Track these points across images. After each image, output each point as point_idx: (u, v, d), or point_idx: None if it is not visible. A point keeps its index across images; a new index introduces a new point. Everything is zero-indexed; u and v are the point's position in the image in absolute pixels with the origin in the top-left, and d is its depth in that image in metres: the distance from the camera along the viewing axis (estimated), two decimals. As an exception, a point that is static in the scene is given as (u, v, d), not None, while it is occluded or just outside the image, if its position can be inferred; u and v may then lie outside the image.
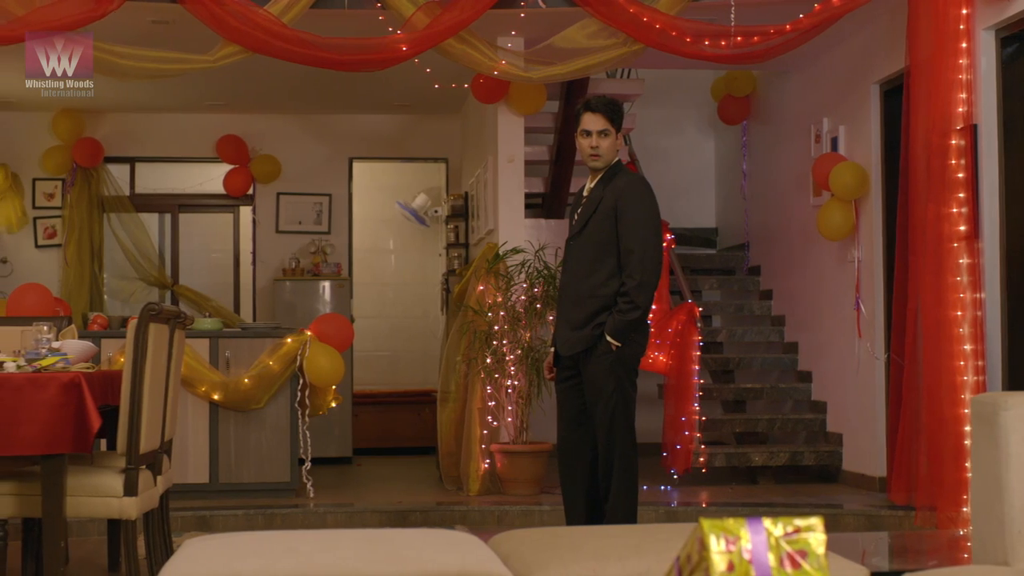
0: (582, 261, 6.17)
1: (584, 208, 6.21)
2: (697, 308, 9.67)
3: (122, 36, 8.37)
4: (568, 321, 6.19)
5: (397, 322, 14.08)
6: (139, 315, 5.36)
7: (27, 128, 12.14)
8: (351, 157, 12.66)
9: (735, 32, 8.13)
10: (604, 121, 6.18)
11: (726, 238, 12.22)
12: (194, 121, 12.35)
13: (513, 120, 9.56)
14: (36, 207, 12.25)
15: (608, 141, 6.17)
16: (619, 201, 6.04)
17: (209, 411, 8.83)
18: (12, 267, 12.14)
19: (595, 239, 6.12)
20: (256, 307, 12.43)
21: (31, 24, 7.82)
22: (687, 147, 12.57)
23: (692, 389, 9.48)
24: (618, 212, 6.05)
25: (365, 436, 12.53)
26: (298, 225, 12.49)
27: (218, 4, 8.06)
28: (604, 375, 6.08)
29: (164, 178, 12.80)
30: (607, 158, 6.20)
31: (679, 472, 9.37)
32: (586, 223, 6.14)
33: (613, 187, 6.10)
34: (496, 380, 9.01)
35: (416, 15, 8.20)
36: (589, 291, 6.11)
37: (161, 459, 5.93)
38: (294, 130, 12.51)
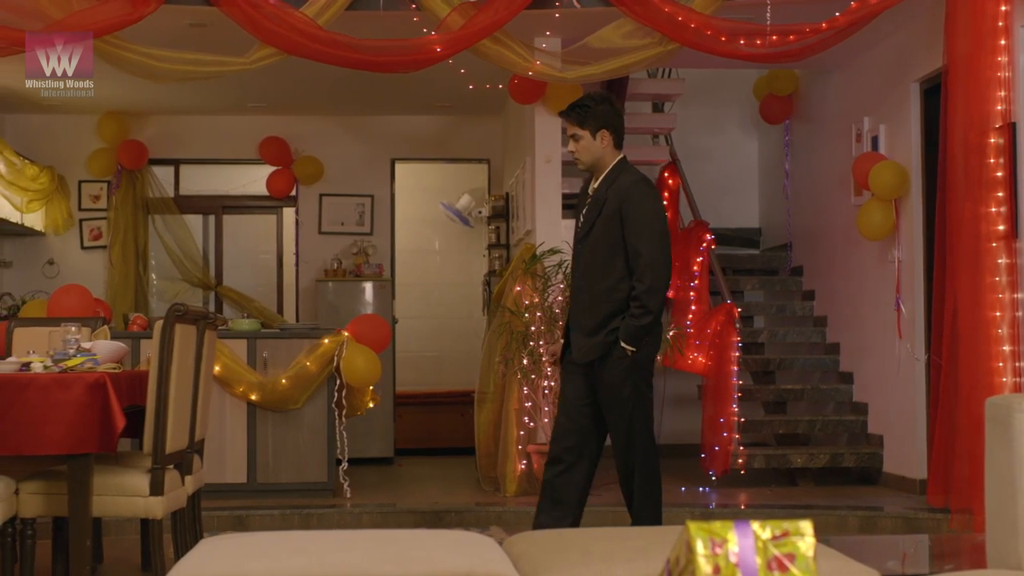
0: (592, 264, 6.09)
1: (589, 209, 6.13)
2: (736, 309, 9.61)
3: (160, 39, 8.43)
4: (581, 327, 6.11)
5: (441, 323, 14.10)
6: (165, 316, 5.39)
7: (73, 131, 12.26)
8: (393, 158, 12.68)
9: (771, 31, 8.07)
10: (572, 125, 6.15)
11: (769, 238, 12.15)
12: (237, 123, 12.42)
13: (550, 120, 9.55)
14: (82, 209, 12.37)
15: (581, 144, 6.12)
16: (623, 203, 5.96)
17: (247, 411, 8.88)
18: (59, 268, 12.25)
19: (603, 241, 6.04)
20: (299, 308, 12.48)
21: (69, 27, 7.88)
22: (730, 147, 12.51)
23: (731, 390, 9.43)
24: (623, 215, 5.97)
25: (408, 437, 12.56)
26: (340, 226, 12.53)
27: (254, 7, 8.10)
28: (620, 381, 6.03)
29: (208, 180, 12.89)
30: (585, 160, 6.14)
31: (718, 474, 9.32)
32: (592, 225, 6.08)
33: (616, 188, 6.02)
34: (533, 381, 9.00)
35: (451, 16, 8.20)
36: (601, 295, 6.04)
37: (191, 459, 5.96)
38: (336, 131, 12.56)
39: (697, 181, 11.52)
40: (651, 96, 11.39)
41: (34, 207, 11.52)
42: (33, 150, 11.92)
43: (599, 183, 6.12)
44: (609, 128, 6.11)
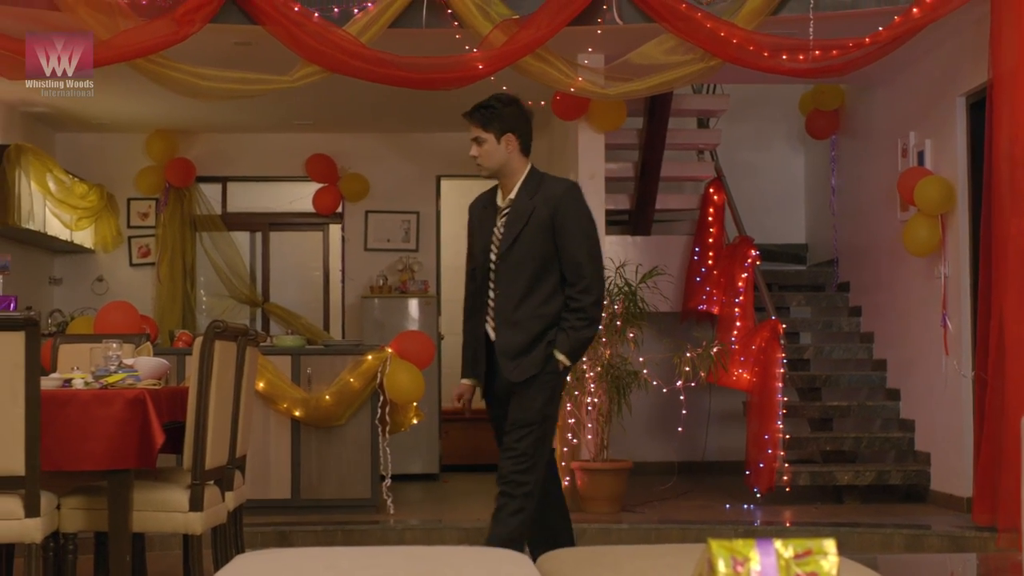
0: (517, 281, 5.56)
1: (509, 221, 5.59)
2: (781, 325, 9.56)
3: (205, 58, 8.50)
4: (507, 351, 5.54)
5: (488, 339, 14.08)
6: (204, 333, 5.43)
7: (122, 149, 12.38)
8: (439, 175, 12.72)
9: (813, 46, 8.04)
10: (475, 127, 5.68)
11: (816, 254, 12.08)
12: (284, 141, 12.50)
13: (593, 137, 9.56)
14: (131, 226, 12.48)
15: (484, 148, 5.64)
16: (556, 212, 5.50)
17: (291, 428, 8.92)
18: (107, 285, 12.37)
19: (531, 255, 5.53)
20: (345, 325, 12.53)
21: (116, 48, 7.97)
22: (776, 162, 12.46)
23: (776, 407, 9.37)
24: (556, 224, 5.50)
25: (455, 453, 12.56)
26: (386, 243, 12.58)
27: (297, 25, 8.16)
28: (543, 398, 5.54)
29: (255, 197, 12.97)
30: (488, 166, 5.65)
31: (762, 491, 9.26)
32: (515, 239, 5.54)
33: (545, 196, 5.55)
34: (576, 397, 8.98)
35: (493, 33, 8.23)
36: (532, 313, 5.53)
37: (232, 475, 5.99)
38: (382, 149, 12.61)
39: (743, 197, 11.48)
40: (696, 112, 11.39)
41: (83, 225, 11.64)
42: (83, 168, 12.04)
43: (516, 193, 5.61)
44: (515, 132, 5.65)
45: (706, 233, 10.73)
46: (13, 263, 9.91)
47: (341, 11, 8.30)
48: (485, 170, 5.68)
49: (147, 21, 8.02)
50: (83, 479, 5.49)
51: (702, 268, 10.58)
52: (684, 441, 10.81)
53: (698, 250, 10.68)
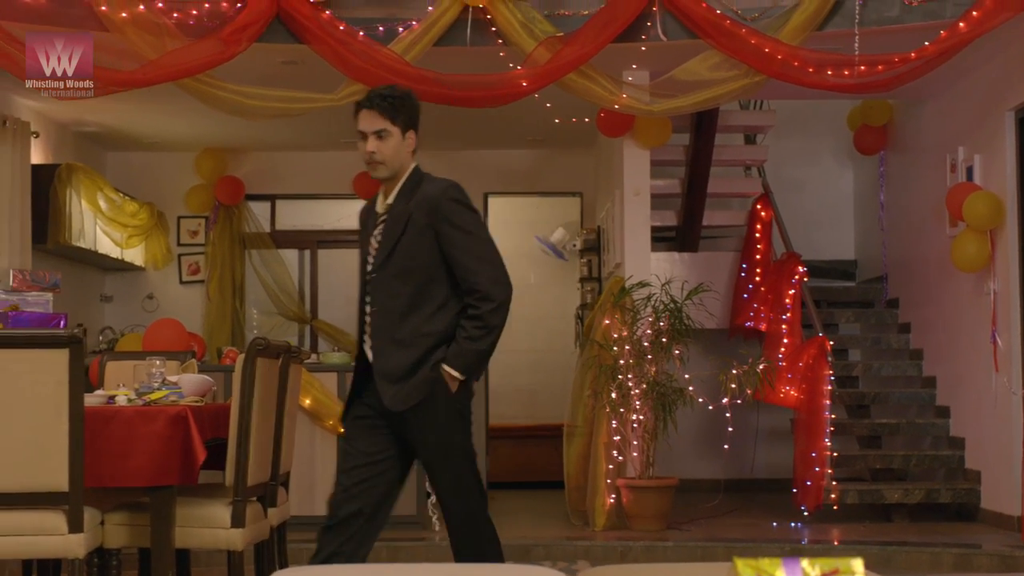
0: (397, 295, 4.91)
1: (386, 230, 4.92)
2: (828, 342, 9.50)
3: (253, 76, 8.58)
4: (388, 373, 4.89)
5: (537, 356, 14.10)
6: (246, 350, 5.47)
7: (172, 168, 12.50)
8: (486, 192, 12.75)
9: (859, 61, 8.00)
10: (381, 119, 4.90)
11: (865, 270, 12.00)
12: (332, 159, 12.56)
13: (639, 153, 9.55)
14: (180, 244, 12.59)
15: (390, 144, 4.90)
16: (436, 215, 4.86)
17: (337, 445, 8.92)
18: (158, 303, 12.47)
19: (413, 266, 4.89)
20: (393, 341, 12.54)
21: (163, 67, 8.05)
22: (824, 178, 12.38)
23: (823, 424, 9.30)
24: (439, 230, 4.86)
25: (503, 470, 12.55)
26: (434, 260, 12.58)
27: (343, 44, 8.21)
28: (449, 425, 4.92)
29: (303, 215, 13.05)
30: (392, 165, 4.91)
31: (810, 509, 9.20)
32: (393, 249, 4.89)
33: (421, 200, 4.89)
34: (622, 414, 8.96)
35: (537, 50, 8.24)
36: (416, 331, 4.89)
37: (275, 491, 6.03)
38: (429, 166, 12.41)
39: (791, 213, 11.43)
40: (743, 128, 11.35)
41: (133, 243, 11.75)
42: (133, 187, 12.16)
43: (394, 197, 4.95)
44: (415, 129, 5.04)
45: (753, 249, 10.68)
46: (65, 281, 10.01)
47: (386, 29, 8.35)
48: (384, 171, 4.93)
49: (194, 41, 8.11)
50: (127, 495, 5.53)
51: (749, 285, 10.53)
52: (731, 458, 10.75)
53: (745, 266, 10.64)
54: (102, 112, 10.64)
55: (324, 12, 8.25)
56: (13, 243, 9.28)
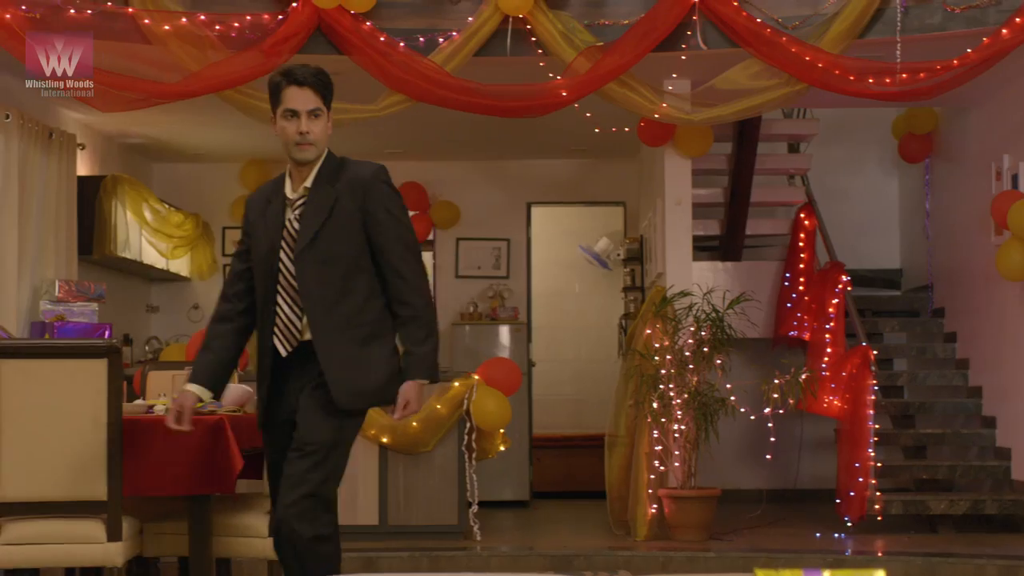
0: (323, 284, 4.73)
1: (307, 214, 4.73)
2: (872, 352, 9.43)
3: (295, 88, 8.62)
4: (337, 359, 4.70)
5: (581, 365, 14.11)
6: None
7: (217, 178, 12.59)
8: (529, 202, 12.75)
9: (900, 69, 7.96)
10: (316, 98, 4.78)
11: (911, 279, 11.91)
12: (375, 169, 12.58)
13: (680, 163, 9.53)
14: (226, 255, 12.65)
15: (321, 124, 4.78)
16: (366, 201, 4.72)
17: (379, 454, 8.97)
18: (203, 312, 12.55)
19: (337, 252, 4.72)
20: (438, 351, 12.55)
21: (205, 79, 8.12)
22: (869, 186, 12.30)
23: (867, 434, 9.23)
24: (368, 216, 4.72)
25: (547, 479, 12.56)
26: (477, 270, 12.64)
27: (383, 55, 8.25)
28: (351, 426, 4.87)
29: (347, 225, 13.06)
30: (320, 147, 4.79)
31: (853, 520, 9.13)
32: (316, 234, 4.70)
33: (350, 183, 4.75)
34: (663, 424, 8.94)
35: (577, 60, 8.25)
36: (347, 320, 4.73)
37: (314, 501, 6.04)
38: (473, 176, 12.68)
39: (836, 222, 11.36)
40: (785, 137, 11.32)
41: (179, 253, 11.83)
42: (179, 198, 12.25)
43: (313, 180, 4.76)
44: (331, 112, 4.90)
45: (797, 258, 10.62)
46: (111, 291, 10.12)
47: (427, 40, 8.38)
48: (314, 152, 4.78)
49: (236, 53, 8.17)
50: (166, 504, 5.58)
51: (793, 294, 10.47)
52: (775, 468, 10.69)
53: (789, 276, 10.58)
54: (147, 124, 10.73)
55: (365, 23, 8.29)
56: (59, 254, 9.38)
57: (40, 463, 5.07)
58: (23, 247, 8.81)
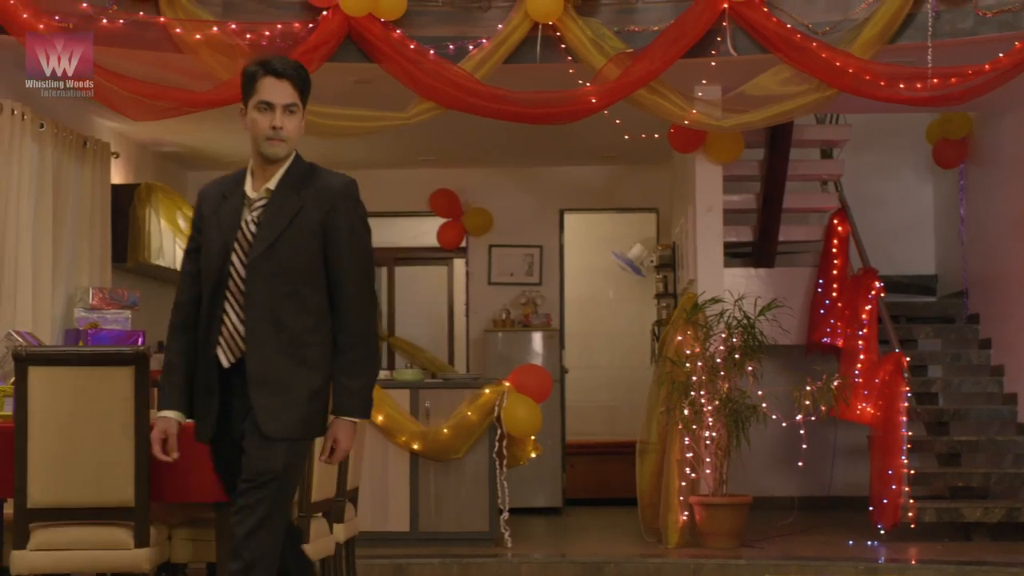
0: (275, 295, 4.33)
1: (267, 217, 4.33)
2: (905, 358, 9.38)
3: (327, 95, 8.64)
4: (271, 382, 4.31)
5: (615, 372, 14.09)
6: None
7: (251, 186, 12.63)
8: (562, 209, 12.75)
9: (932, 74, 7.92)
10: (293, 92, 4.38)
11: (946, 285, 11.83)
12: (408, 176, 12.63)
13: (711, 169, 9.51)
14: (260, 262, 12.71)
15: (295, 122, 4.38)
16: (332, 214, 4.35)
17: (410, 460, 8.99)
18: (238, 320, 12.60)
19: (293, 264, 4.33)
20: (469, 358, 12.60)
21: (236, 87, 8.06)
22: (903, 192, 12.22)
23: (900, 442, 9.19)
24: (330, 230, 4.35)
25: (581, 486, 12.55)
26: (510, 277, 12.63)
27: (413, 63, 8.28)
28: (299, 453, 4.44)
29: (380, 232, 12.93)
30: (292, 145, 4.40)
31: (886, 527, 9.08)
32: (275, 241, 4.31)
33: (319, 193, 4.37)
34: (694, 431, 8.92)
35: (607, 67, 8.26)
36: (295, 340, 4.34)
37: (342, 507, 6.07)
38: (505, 183, 12.69)
39: (870, 227, 11.30)
40: (818, 143, 11.28)
41: (213, 261, 11.87)
42: (214, 206, 12.30)
43: (277, 183, 4.38)
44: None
45: (830, 265, 10.58)
46: (146, 298, 10.19)
47: (456, 48, 8.41)
48: (285, 150, 4.39)
49: (267, 61, 8.19)
50: (194, 511, 5.61)
51: (826, 300, 10.43)
52: (808, 476, 10.64)
53: (822, 282, 10.54)
54: (181, 133, 10.80)
55: (395, 31, 8.32)
56: (93, 262, 9.44)
57: (69, 469, 5.11)
58: (57, 255, 8.88)
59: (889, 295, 10.48)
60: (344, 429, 4.37)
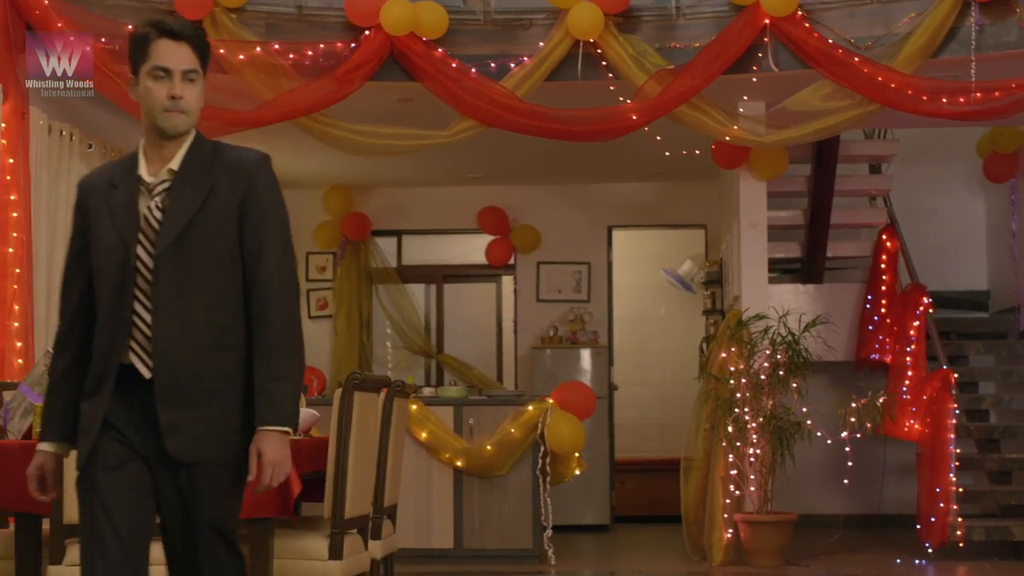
0: (186, 292, 3.60)
1: (174, 202, 3.63)
2: (953, 375, 9.29)
3: (370, 114, 8.73)
4: (181, 396, 3.56)
5: (666, 388, 14.04)
6: (344, 384, 5.55)
7: (301, 204, 12.68)
8: (610, 225, 12.74)
9: (975, 88, 7.85)
10: (193, 57, 3.66)
11: (998, 301, 11.70)
12: (456, 194, 12.68)
13: (755, 185, 9.47)
14: (309, 280, 12.81)
15: (196, 92, 3.65)
16: (250, 194, 3.65)
17: (453, 477, 9.01)
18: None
19: (208, 254, 3.63)
20: (518, 375, 12.61)
21: (279, 107, 8.25)
22: (954, 207, 12.11)
23: (948, 459, 9.09)
24: (248, 211, 3.66)
25: (631, 503, 12.51)
26: (558, 294, 12.64)
27: (455, 81, 8.32)
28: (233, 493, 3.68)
29: (429, 250, 13.18)
30: (192, 119, 3.66)
31: (934, 546, 8.98)
32: (185, 228, 3.61)
33: (231, 171, 3.67)
34: (738, 448, 8.87)
35: (648, 83, 8.26)
36: (210, 344, 3.60)
37: (379, 523, 6.09)
38: (553, 200, 12.70)
39: (921, 242, 11.21)
40: (866, 158, 11.21)
41: (262, 279, 11.96)
42: (264, 224, 12.41)
43: (181, 163, 3.66)
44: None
45: (879, 280, 10.50)
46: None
47: (498, 66, 8.44)
48: (185, 124, 3.64)
49: (309, 81, 8.28)
50: (229, 527, 5.64)
51: (875, 316, 10.35)
52: (858, 493, 10.56)
53: (871, 298, 10.46)
54: (231, 151, 10.88)
55: (437, 50, 8.37)
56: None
57: (104, 486, 5.15)
58: (105, 273, 8.98)
59: (940, 311, 10.38)
60: (272, 442, 3.57)
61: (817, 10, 8.30)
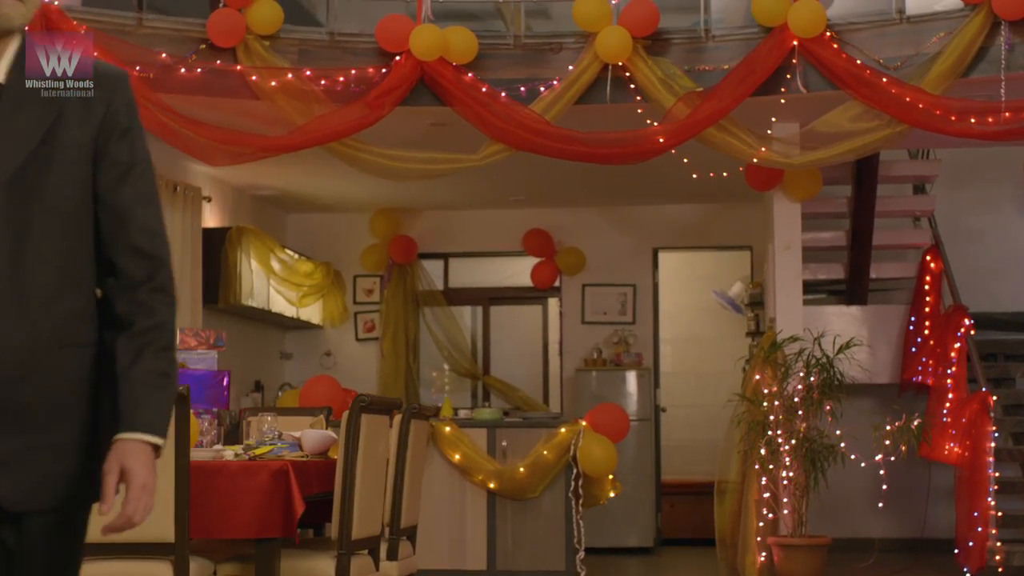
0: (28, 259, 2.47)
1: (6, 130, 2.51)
2: (991, 397, 9.18)
3: (403, 139, 8.82)
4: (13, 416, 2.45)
5: (716, 411, 13.88)
6: (350, 407, 5.60)
7: (348, 228, 12.85)
8: (655, 247, 12.74)
9: (1004, 107, 7.78)
10: None
11: (1049, 322, 11.54)
12: (502, 217, 12.74)
13: (789, 206, 9.45)
14: (356, 302, 12.92)
15: None
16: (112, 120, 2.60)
17: (487, 499, 9.05)
18: (335, 359, 12.81)
19: (54, 206, 2.52)
20: (563, 397, 12.63)
21: (311, 132, 8.34)
22: (1003, 227, 11.95)
23: (987, 482, 8.99)
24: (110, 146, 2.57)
25: (679, 526, 12.46)
26: (603, 316, 12.65)
27: (484, 106, 8.38)
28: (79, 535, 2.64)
29: (475, 272, 13.26)
30: (30, 12, 2.59)
31: (972, 570, 8.88)
32: (21, 166, 2.49)
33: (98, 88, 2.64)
34: (771, 471, 8.83)
35: (676, 106, 8.26)
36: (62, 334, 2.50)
37: (395, 545, 6.14)
38: (598, 222, 12.72)
39: (969, 263, 11.10)
40: (908, 178, 11.13)
41: (307, 301, 12.11)
42: (313, 247, 12.57)
43: (9, 69, 2.59)
44: None
45: (923, 302, 10.42)
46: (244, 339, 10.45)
47: (528, 90, 8.49)
48: (21, 15, 2.56)
49: (341, 106, 8.37)
50: (239, 547, 5.73)
51: (918, 338, 10.27)
52: (901, 517, 10.45)
53: (914, 319, 10.38)
54: (275, 176, 11.04)
55: (467, 75, 8.43)
56: (183, 303, 9.67)
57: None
58: (146, 297, 9.13)
59: (987, 332, 10.29)
60: (138, 455, 2.49)
61: (846, 31, 8.28)
